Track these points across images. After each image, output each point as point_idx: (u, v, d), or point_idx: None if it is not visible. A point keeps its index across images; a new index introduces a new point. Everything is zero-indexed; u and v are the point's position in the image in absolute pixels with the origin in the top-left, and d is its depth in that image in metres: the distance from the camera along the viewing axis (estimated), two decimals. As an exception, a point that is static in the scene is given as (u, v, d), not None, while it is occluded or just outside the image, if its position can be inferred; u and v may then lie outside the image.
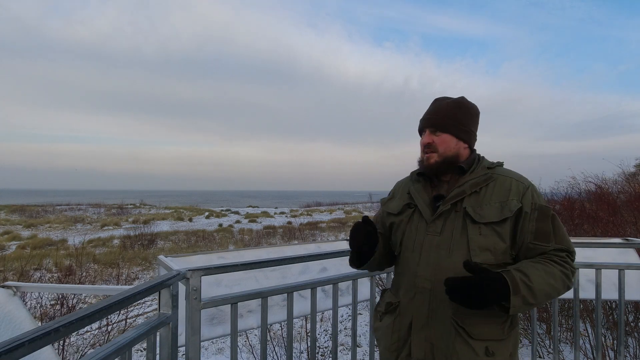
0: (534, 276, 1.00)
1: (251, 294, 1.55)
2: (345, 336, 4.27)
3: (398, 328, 1.21)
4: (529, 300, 0.99)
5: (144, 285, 1.14)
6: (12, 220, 21.11)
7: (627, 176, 6.88)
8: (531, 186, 1.15)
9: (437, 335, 1.12)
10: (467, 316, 1.09)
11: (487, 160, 1.24)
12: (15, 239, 14.25)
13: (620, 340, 2.06)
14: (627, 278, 2.06)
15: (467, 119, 1.24)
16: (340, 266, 2.17)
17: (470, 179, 1.17)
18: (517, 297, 0.97)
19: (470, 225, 1.11)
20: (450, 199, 1.15)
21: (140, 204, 33.02)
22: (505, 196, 1.12)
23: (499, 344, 1.10)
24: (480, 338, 1.08)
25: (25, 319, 1.59)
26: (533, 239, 1.09)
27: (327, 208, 34.48)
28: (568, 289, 1.07)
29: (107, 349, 0.97)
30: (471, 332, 1.08)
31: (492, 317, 1.09)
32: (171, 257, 1.83)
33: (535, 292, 0.99)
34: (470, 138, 1.25)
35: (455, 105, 1.23)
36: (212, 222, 21.30)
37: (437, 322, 1.12)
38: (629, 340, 2.98)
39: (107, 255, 10.49)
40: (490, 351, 1.08)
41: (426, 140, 1.23)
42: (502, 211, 1.09)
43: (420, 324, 1.15)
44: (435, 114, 1.24)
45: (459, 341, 1.09)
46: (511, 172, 1.20)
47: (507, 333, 1.12)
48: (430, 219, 1.17)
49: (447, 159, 1.20)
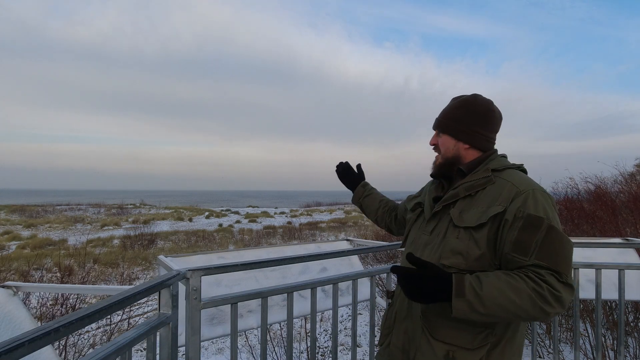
0: (487, 285, 0.92)
1: (251, 294, 1.55)
2: (345, 336, 4.27)
3: (390, 316, 1.28)
4: (476, 307, 0.91)
5: (144, 285, 1.14)
6: (12, 220, 21.12)
7: (626, 177, 6.90)
8: (528, 192, 1.02)
9: (412, 329, 1.15)
10: (433, 316, 1.09)
11: (502, 162, 1.16)
12: (15, 239, 14.26)
13: (620, 340, 2.06)
14: (627, 278, 2.06)
15: (470, 118, 1.18)
16: (340, 266, 2.17)
17: (465, 182, 1.15)
18: (460, 300, 0.92)
19: (451, 228, 1.10)
20: (443, 201, 1.16)
21: (140, 204, 33.03)
22: (493, 201, 1.05)
23: (464, 352, 1.03)
24: (443, 340, 1.06)
25: (25, 319, 1.59)
26: (511, 249, 0.99)
27: (327, 208, 34.50)
28: (542, 311, 0.91)
29: (107, 349, 0.97)
30: (434, 332, 1.08)
31: (465, 324, 1.04)
32: (171, 257, 1.83)
33: (484, 301, 0.91)
34: (472, 138, 1.18)
35: (458, 105, 1.21)
36: (212, 222, 21.31)
37: (414, 316, 1.15)
38: (629, 340, 2.98)
39: (107, 255, 10.49)
40: (450, 356, 1.04)
41: (431, 142, 1.28)
42: (481, 217, 1.04)
43: (402, 316, 1.20)
44: (440, 115, 1.25)
45: (423, 339, 1.10)
46: (515, 176, 1.09)
47: (478, 344, 1.03)
48: (427, 219, 1.22)
49: (448, 160, 1.21)
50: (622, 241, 2.20)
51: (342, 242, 2.65)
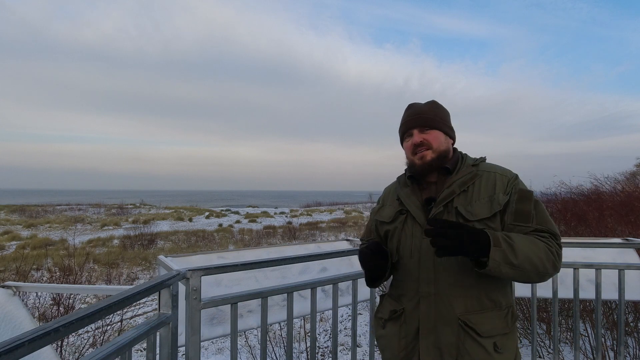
0: (515, 237, 1.02)
1: (251, 294, 1.55)
2: (345, 336, 4.27)
3: (404, 335, 1.19)
4: (509, 258, 0.99)
5: (144, 285, 1.14)
6: (12, 220, 21.11)
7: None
8: (514, 176, 1.18)
9: (445, 339, 1.11)
10: (474, 315, 1.10)
11: (470, 157, 1.26)
12: (15, 239, 14.25)
13: (620, 341, 2.06)
14: (627, 278, 2.06)
15: (447, 117, 1.29)
16: (340, 266, 2.17)
17: (457, 179, 1.18)
18: (498, 250, 0.98)
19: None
20: (442, 201, 1.16)
21: (141, 204, 33.04)
22: (492, 191, 1.14)
23: (504, 338, 1.11)
24: (489, 335, 1.09)
25: (25, 319, 1.59)
26: (513, 219, 1.11)
27: (327, 208, 34.49)
28: (555, 268, 1.05)
29: (107, 349, 0.97)
30: (480, 330, 1.09)
31: (494, 310, 1.12)
32: (171, 257, 1.83)
33: (516, 251, 0.99)
34: (453, 135, 1.29)
35: (434, 105, 1.28)
36: (212, 222, 21.31)
37: (444, 325, 1.12)
38: (628, 341, 2.98)
39: (107, 255, 10.49)
40: (498, 346, 1.09)
41: (417, 139, 1.22)
42: (492, 206, 1.12)
43: (428, 329, 1.14)
44: (420, 114, 1.25)
45: (469, 341, 1.09)
46: (494, 167, 1.22)
47: (511, 326, 1.14)
48: (425, 223, 1.16)
49: (441, 154, 1.22)
50: (622, 241, 2.20)
51: (342, 242, 2.64)
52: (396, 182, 1.37)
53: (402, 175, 1.35)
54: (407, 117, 1.27)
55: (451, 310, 1.11)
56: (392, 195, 1.34)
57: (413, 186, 1.26)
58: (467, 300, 1.12)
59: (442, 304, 1.13)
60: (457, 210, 1.13)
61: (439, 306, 1.13)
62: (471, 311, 1.11)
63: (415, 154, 1.23)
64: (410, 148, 1.24)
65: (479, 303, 1.12)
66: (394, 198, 1.31)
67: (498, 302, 1.13)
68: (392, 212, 1.28)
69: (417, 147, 1.22)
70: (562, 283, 2.11)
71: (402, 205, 1.26)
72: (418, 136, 1.23)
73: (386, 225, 1.29)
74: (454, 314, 1.11)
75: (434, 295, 1.14)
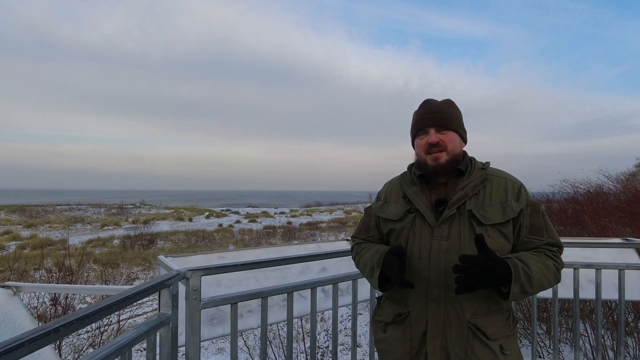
0: (533, 267, 1.04)
1: (251, 294, 1.55)
2: (345, 336, 4.27)
3: (410, 338, 1.16)
4: (526, 288, 1.02)
5: (144, 285, 1.14)
6: (12, 220, 21.10)
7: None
8: (522, 185, 1.20)
9: (453, 342, 1.10)
10: (482, 318, 1.11)
11: (478, 161, 1.25)
12: (15, 239, 14.24)
13: (620, 341, 2.06)
14: (627, 278, 2.06)
15: (462, 118, 1.27)
16: (340, 266, 2.17)
17: (470, 182, 1.16)
18: (517, 284, 1.01)
19: (477, 227, 1.11)
20: (454, 203, 1.13)
21: (141, 204, 33.02)
22: (503, 197, 1.15)
23: (508, 340, 1.13)
24: (495, 338, 1.10)
25: (25, 319, 1.59)
26: (528, 233, 1.14)
27: (327, 208, 34.48)
28: (558, 281, 1.13)
29: (107, 348, 0.97)
30: (488, 333, 1.10)
31: (497, 314, 1.13)
32: (171, 257, 1.83)
33: (533, 282, 1.03)
34: (466, 138, 1.27)
35: (451, 105, 1.25)
36: (212, 222, 21.30)
37: (453, 328, 1.11)
38: (628, 341, 2.98)
39: (107, 255, 10.49)
40: (504, 348, 1.11)
41: (434, 139, 1.17)
42: (505, 212, 1.12)
43: (436, 332, 1.12)
44: (439, 112, 1.20)
45: (478, 344, 1.09)
46: (502, 172, 1.23)
47: (512, 329, 1.16)
48: (436, 224, 1.14)
49: (455, 157, 1.18)
50: (622, 241, 2.20)
51: (342, 242, 2.64)
52: (400, 178, 1.31)
53: (408, 172, 1.30)
54: (425, 113, 1.21)
55: (461, 313, 1.11)
56: (396, 192, 1.28)
57: (422, 185, 1.22)
58: (475, 304, 1.11)
59: (452, 307, 1.11)
60: (471, 213, 1.12)
61: (448, 309, 1.12)
62: (479, 314, 1.11)
63: (429, 153, 1.18)
64: (424, 147, 1.19)
65: (486, 306, 1.13)
66: (399, 195, 1.26)
67: (501, 306, 1.15)
68: (400, 210, 1.22)
69: (432, 146, 1.18)
70: (562, 283, 2.10)
71: (410, 203, 1.20)
72: (435, 136, 1.18)
73: (391, 224, 1.24)
74: (464, 317, 1.11)
75: (444, 298, 1.12)
